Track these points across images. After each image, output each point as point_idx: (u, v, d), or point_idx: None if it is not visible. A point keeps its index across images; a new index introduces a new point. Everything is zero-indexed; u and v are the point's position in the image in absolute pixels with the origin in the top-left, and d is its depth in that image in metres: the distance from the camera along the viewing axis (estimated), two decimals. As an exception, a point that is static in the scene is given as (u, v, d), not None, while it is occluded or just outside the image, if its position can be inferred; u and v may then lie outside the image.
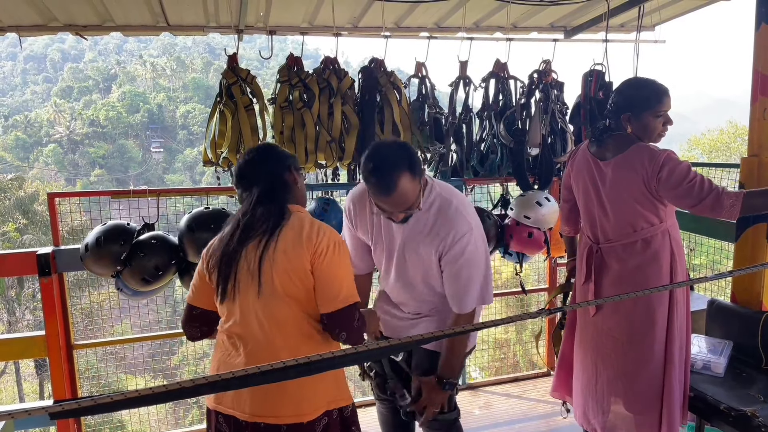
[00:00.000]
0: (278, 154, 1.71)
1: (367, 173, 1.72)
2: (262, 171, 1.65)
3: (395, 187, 1.67)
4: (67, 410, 0.95)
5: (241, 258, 1.55)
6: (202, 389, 1.03)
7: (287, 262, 1.53)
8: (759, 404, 2.19)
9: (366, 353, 1.11)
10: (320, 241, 1.54)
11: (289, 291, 1.53)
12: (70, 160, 52.03)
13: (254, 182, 1.63)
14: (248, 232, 1.55)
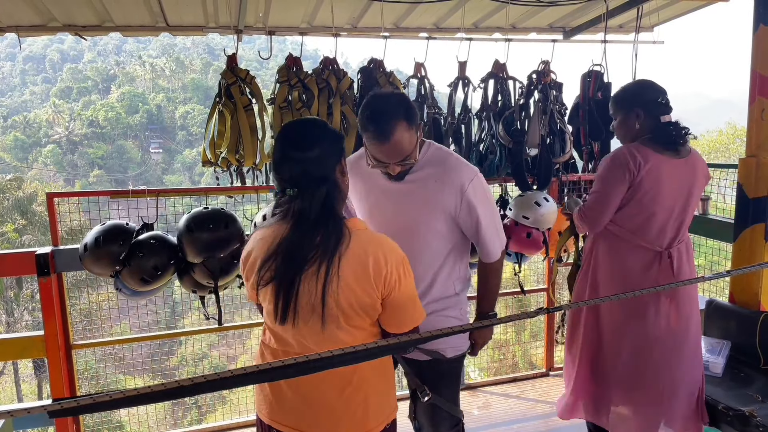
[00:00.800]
0: (332, 139, 1.45)
1: (364, 121, 1.70)
2: (312, 169, 1.39)
3: (391, 135, 1.66)
4: (66, 408, 0.96)
5: (301, 284, 1.38)
6: (201, 388, 1.03)
7: (354, 297, 1.39)
8: (757, 404, 2.20)
9: (365, 352, 1.11)
10: (389, 273, 1.40)
11: (354, 323, 1.43)
12: (69, 160, 52.00)
13: (298, 183, 1.39)
14: (301, 259, 1.36)
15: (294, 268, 1.37)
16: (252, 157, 3.03)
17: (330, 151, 1.43)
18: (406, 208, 1.85)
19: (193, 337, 8.01)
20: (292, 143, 1.42)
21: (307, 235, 1.37)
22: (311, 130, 1.46)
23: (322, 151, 1.41)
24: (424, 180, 1.82)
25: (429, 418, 1.99)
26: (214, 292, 2.72)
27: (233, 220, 2.68)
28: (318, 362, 1.11)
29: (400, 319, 1.47)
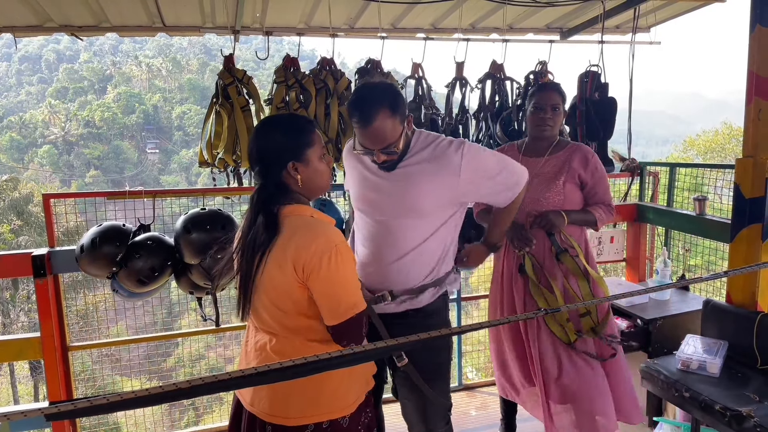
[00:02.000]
0: (284, 135, 1.52)
1: (350, 106, 1.79)
2: (261, 165, 1.53)
3: (372, 120, 1.70)
4: (63, 411, 0.95)
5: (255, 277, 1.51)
6: (198, 390, 1.03)
7: (278, 286, 1.47)
8: (754, 404, 2.20)
9: (362, 354, 1.11)
10: (309, 259, 1.42)
11: (291, 318, 1.52)
12: (65, 161, 51.85)
13: (257, 175, 1.55)
14: (249, 255, 1.50)
15: (246, 263, 1.50)
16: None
17: (278, 147, 1.51)
18: (401, 194, 1.84)
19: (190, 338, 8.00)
20: (252, 137, 1.56)
21: (250, 231, 1.50)
22: (268, 125, 1.58)
23: (268, 146, 1.51)
24: (418, 165, 1.84)
25: (419, 414, 1.96)
26: (212, 293, 2.71)
27: (230, 221, 2.68)
28: (317, 363, 1.11)
29: (327, 308, 1.47)
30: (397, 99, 1.75)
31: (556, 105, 2.38)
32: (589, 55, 3.46)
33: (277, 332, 1.54)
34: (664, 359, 2.63)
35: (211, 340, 13.04)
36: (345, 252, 1.47)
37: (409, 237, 1.85)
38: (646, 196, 3.91)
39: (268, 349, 1.54)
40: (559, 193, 2.37)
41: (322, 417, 1.52)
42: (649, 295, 3.13)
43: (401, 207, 1.84)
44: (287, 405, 1.51)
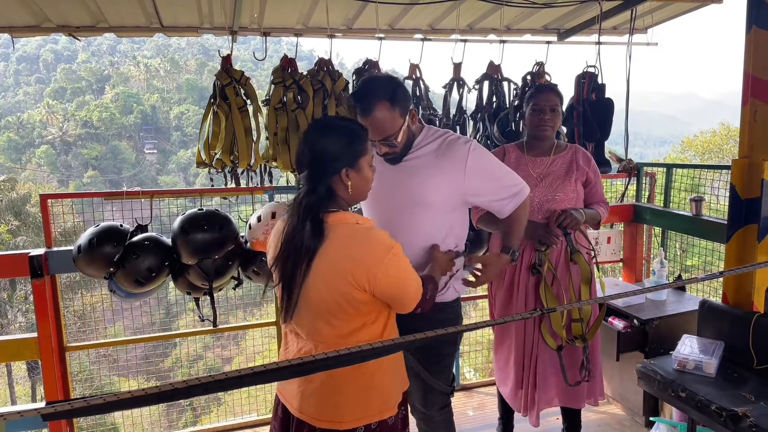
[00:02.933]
0: (339, 140, 1.49)
1: (351, 97, 1.82)
2: (313, 169, 1.49)
3: (371, 111, 1.73)
4: (59, 411, 0.95)
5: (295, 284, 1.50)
6: (195, 390, 1.03)
7: (320, 297, 1.48)
8: (750, 404, 2.20)
9: (361, 354, 1.11)
10: (367, 270, 1.44)
11: (341, 318, 1.52)
12: (63, 161, 51.75)
13: (306, 178, 1.51)
14: (294, 261, 1.48)
15: (290, 272, 1.48)
16: (247, 159, 3.02)
17: (334, 152, 1.48)
18: (407, 186, 1.87)
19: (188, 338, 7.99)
20: (307, 139, 1.52)
21: (297, 239, 1.47)
22: (326, 129, 1.52)
23: (324, 151, 1.48)
24: (424, 158, 1.86)
25: (420, 397, 2.01)
26: (209, 293, 2.71)
27: (228, 221, 2.68)
28: (312, 363, 1.12)
29: (397, 303, 1.54)
30: (396, 92, 1.76)
31: (554, 106, 2.39)
32: (586, 56, 3.48)
33: (324, 339, 1.53)
34: (660, 359, 2.64)
35: (209, 340, 13.03)
36: (398, 249, 1.49)
37: (417, 230, 1.88)
38: (643, 197, 3.92)
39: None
40: (572, 191, 2.40)
41: (372, 418, 1.55)
42: (646, 296, 3.14)
43: (408, 199, 1.87)
44: (339, 409, 1.52)
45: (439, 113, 3.29)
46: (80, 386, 5.30)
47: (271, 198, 3.05)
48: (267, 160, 3.11)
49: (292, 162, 3.05)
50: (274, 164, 3.12)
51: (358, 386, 1.53)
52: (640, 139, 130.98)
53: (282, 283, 1.51)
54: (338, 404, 1.52)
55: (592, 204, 2.47)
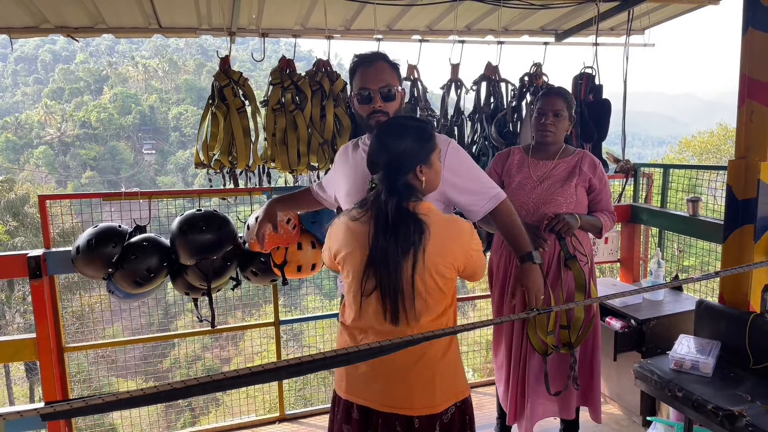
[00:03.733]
0: (415, 138, 1.58)
1: (355, 60, 1.88)
2: (389, 169, 1.56)
3: (374, 61, 1.83)
4: (58, 411, 0.96)
5: (404, 286, 1.52)
6: (193, 390, 1.04)
7: (438, 280, 1.55)
8: (747, 404, 2.21)
9: (356, 354, 1.12)
10: (469, 250, 1.59)
11: (433, 309, 1.58)
12: (61, 162, 51.66)
13: (381, 179, 1.56)
14: (395, 264, 1.51)
15: (394, 274, 1.51)
16: (245, 159, 3.03)
17: (410, 151, 1.56)
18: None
19: (187, 339, 7.97)
20: (380, 140, 1.58)
21: (392, 239, 1.50)
22: (398, 130, 1.60)
23: (400, 151, 1.55)
24: None
25: None
26: (207, 294, 2.72)
27: (226, 222, 2.69)
28: (309, 363, 1.12)
29: (478, 274, 1.70)
30: (394, 62, 1.86)
31: (558, 111, 2.37)
32: (583, 57, 3.49)
33: (421, 328, 1.56)
34: (657, 359, 2.65)
35: (208, 341, 13.02)
36: (473, 228, 1.65)
37: None
38: (641, 198, 3.94)
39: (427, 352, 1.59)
40: (572, 195, 2.39)
41: (458, 397, 1.64)
42: (643, 296, 3.15)
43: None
44: (432, 395, 1.58)
45: (437, 114, 3.29)
46: (79, 387, 5.30)
47: (269, 198, 3.06)
48: (265, 160, 3.11)
49: (290, 163, 3.05)
50: (272, 165, 3.13)
51: (447, 369, 1.61)
52: (638, 140, 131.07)
53: (381, 287, 1.53)
54: (433, 389, 1.58)
55: (596, 212, 2.45)
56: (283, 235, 2.67)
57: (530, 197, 2.40)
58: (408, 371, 1.57)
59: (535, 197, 2.39)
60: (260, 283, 2.93)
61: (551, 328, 2.36)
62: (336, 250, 1.64)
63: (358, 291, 1.57)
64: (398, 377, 1.57)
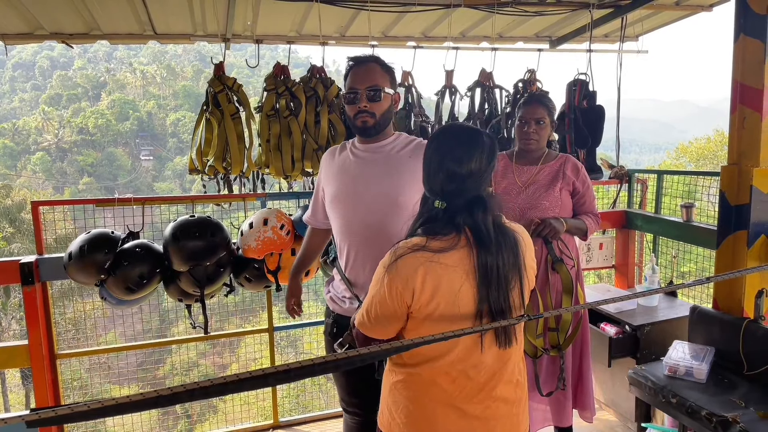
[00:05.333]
0: (488, 159, 1.40)
1: (350, 63, 1.89)
2: (471, 180, 1.39)
3: (366, 62, 1.85)
4: (43, 418, 0.95)
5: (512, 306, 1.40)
6: (180, 397, 1.03)
7: (521, 300, 1.45)
8: (740, 410, 2.21)
9: (359, 357, 1.12)
10: (532, 253, 1.51)
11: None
12: (59, 168, 51.60)
13: (455, 195, 1.38)
14: (506, 283, 1.39)
15: (504, 293, 1.38)
16: (239, 165, 3.03)
17: (489, 163, 1.41)
18: (382, 187, 1.87)
19: (183, 346, 7.92)
20: (462, 153, 1.38)
21: (500, 257, 1.36)
22: (478, 142, 1.41)
23: (481, 162, 1.39)
24: (399, 158, 1.89)
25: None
26: (201, 300, 2.71)
27: (219, 228, 2.68)
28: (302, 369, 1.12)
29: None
30: (388, 66, 1.87)
31: (540, 118, 2.40)
32: (577, 63, 3.50)
33: (518, 338, 1.48)
34: (651, 365, 2.65)
35: (205, 348, 12.98)
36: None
37: (394, 229, 1.84)
38: (635, 203, 3.95)
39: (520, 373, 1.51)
40: (557, 199, 2.40)
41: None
42: (637, 302, 3.15)
43: (384, 199, 1.86)
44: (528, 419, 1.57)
45: (431, 120, 3.30)
46: (74, 394, 5.26)
47: (264, 205, 3.06)
48: (259, 166, 3.11)
49: (284, 169, 3.05)
50: (266, 171, 3.13)
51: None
52: (636, 146, 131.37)
53: (493, 312, 1.37)
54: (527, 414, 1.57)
55: (580, 215, 2.47)
56: (276, 240, 2.66)
57: (516, 202, 2.42)
58: (512, 408, 1.47)
59: (520, 202, 2.40)
60: (254, 290, 2.92)
61: (540, 331, 2.37)
62: (429, 296, 1.34)
63: (473, 321, 1.36)
64: (510, 412, 1.48)
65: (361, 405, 2.12)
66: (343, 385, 2.12)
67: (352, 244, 1.93)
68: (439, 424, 1.43)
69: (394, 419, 1.49)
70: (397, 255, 1.35)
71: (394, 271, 1.34)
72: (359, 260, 1.92)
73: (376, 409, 2.17)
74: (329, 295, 2.07)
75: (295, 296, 2.22)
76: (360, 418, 2.14)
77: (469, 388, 1.42)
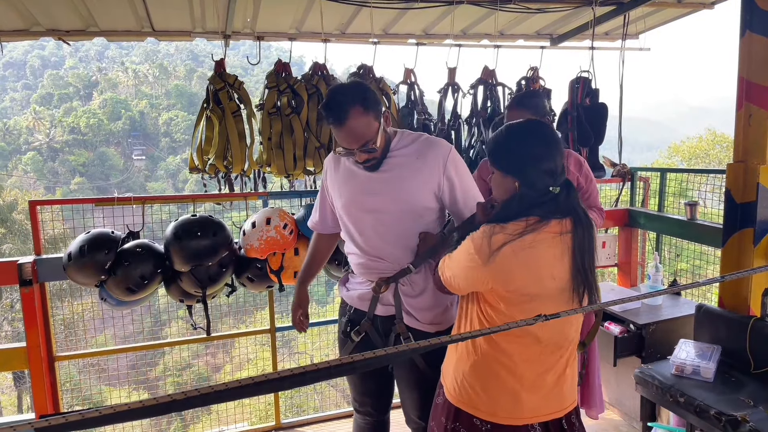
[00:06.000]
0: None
1: (323, 110, 1.76)
2: (563, 172, 1.53)
3: (345, 118, 1.70)
4: (53, 425, 0.92)
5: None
6: (193, 402, 1.00)
7: None
8: (749, 408, 2.20)
9: (363, 362, 1.08)
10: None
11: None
12: (50, 168, 51.20)
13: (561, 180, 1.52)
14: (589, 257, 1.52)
15: (592, 274, 1.51)
16: (240, 164, 2.99)
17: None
18: (390, 192, 1.84)
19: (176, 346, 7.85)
20: (555, 149, 1.50)
21: (589, 238, 1.49)
22: (543, 130, 1.55)
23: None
24: (405, 159, 1.84)
25: (418, 408, 1.97)
26: (203, 301, 2.67)
27: (221, 227, 2.64)
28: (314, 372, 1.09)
29: None
30: (367, 95, 1.74)
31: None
32: (578, 61, 3.48)
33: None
34: (657, 364, 2.64)
35: (199, 348, 12.88)
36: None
37: (404, 234, 1.85)
38: (637, 202, 3.94)
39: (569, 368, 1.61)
40: None
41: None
42: (642, 301, 3.14)
43: (393, 204, 1.84)
44: (575, 388, 1.65)
45: (434, 118, 3.28)
46: (68, 396, 5.20)
47: (265, 204, 3.02)
48: (261, 165, 3.07)
49: (286, 167, 3.01)
50: (267, 169, 3.09)
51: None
52: (628, 145, 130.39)
53: (589, 293, 1.50)
54: (574, 385, 1.64)
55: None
56: (280, 240, 2.63)
57: None
58: (559, 378, 1.58)
59: None
60: (256, 290, 2.88)
61: None
62: (524, 281, 1.46)
63: (569, 300, 1.49)
64: (565, 378, 1.59)
65: (373, 405, 2.10)
66: (356, 385, 2.10)
67: (366, 250, 1.91)
68: (510, 401, 1.55)
69: (479, 395, 1.57)
70: (492, 244, 1.44)
71: (485, 259, 1.44)
72: (371, 252, 1.91)
73: (388, 409, 2.16)
74: (348, 292, 2.03)
75: (302, 307, 2.16)
76: (372, 418, 2.12)
77: (550, 356, 1.56)
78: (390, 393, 2.13)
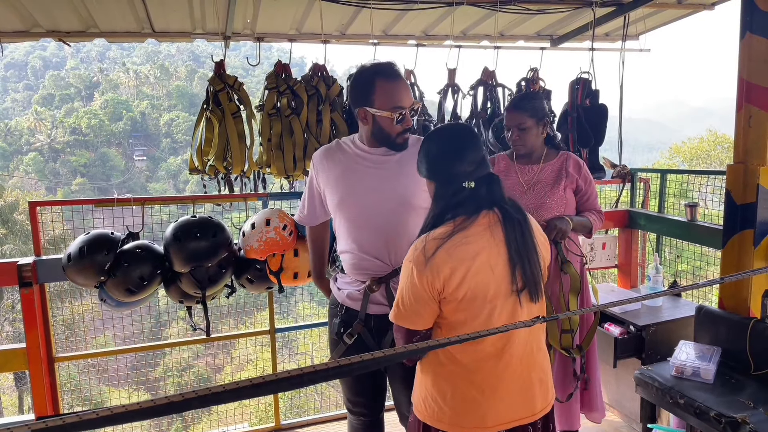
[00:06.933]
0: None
1: (380, 70, 1.86)
2: (487, 166, 1.58)
3: (400, 75, 1.85)
4: (50, 427, 0.92)
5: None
6: (192, 404, 1.00)
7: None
8: (749, 410, 2.19)
9: (360, 364, 1.08)
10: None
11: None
12: (51, 168, 51.26)
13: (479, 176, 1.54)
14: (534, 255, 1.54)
15: (534, 264, 1.51)
16: (240, 165, 2.99)
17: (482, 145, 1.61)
18: (395, 188, 1.87)
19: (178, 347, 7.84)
20: (469, 140, 1.55)
21: (525, 227, 1.51)
22: (463, 127, 1.64)
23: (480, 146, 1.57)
24: (405, 159, 1.88)
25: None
26: (202, 302, 2.67)
27: (221, 228, 2.64)
28: (311, 374, 1.09)
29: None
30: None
31: (520, 124, 2.38)
32: (578, 62, 3.48)
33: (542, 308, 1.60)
34: (657, 366, 2.63)
35: (199, 349, 12.89)
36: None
37: (407, 231, 1.85)
38: (637, 203, 3.93)
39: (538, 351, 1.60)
40: (561, 198, 2.38)
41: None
42: (642, 302, 3.13)
43: (397, 201, 1.86)
44: (547, 393, 1.63)
45: (433, 119, 3.27)
46: (68, 397, 5.20)
47: (265, 205, 3.02)
48: (261, 166, 3.07)
49: (286, 168, 3.01)
50: (267, 170, 3.09)
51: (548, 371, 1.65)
52: (629, 146, 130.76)
53: (526, 279, 1.51)
54: (547, 388, 1.63)
55: (584, 212, 2.45)
56: (279, 241, 2.63)
57: (521, 202, 2.39)
58: (545, 373, 1.60)
59: (526, 203, 2.38)
60: (255, 291, 2.88)
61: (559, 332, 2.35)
62: (459, 281, 1.44)
63: (509, 293, 1.49)
64: (542, 380, 1.59)
65: (367, 405, 2.10)
66: (350, 386, 2.10)
67: (361, 249, 1.90)
68: (475, 408, 1.53)
69: (442, 408, 1.55)
70: (426, 251, 1.43)
71: (423, 267, 1.44)
72: (369, 249, 1.90)
73: (382, 409, 2.16)
74: (339, 291, 2.02)
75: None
76: (365, 418, 2.12)
77: (512, 361, 1.53)
78: (383, 392, 2.12)
